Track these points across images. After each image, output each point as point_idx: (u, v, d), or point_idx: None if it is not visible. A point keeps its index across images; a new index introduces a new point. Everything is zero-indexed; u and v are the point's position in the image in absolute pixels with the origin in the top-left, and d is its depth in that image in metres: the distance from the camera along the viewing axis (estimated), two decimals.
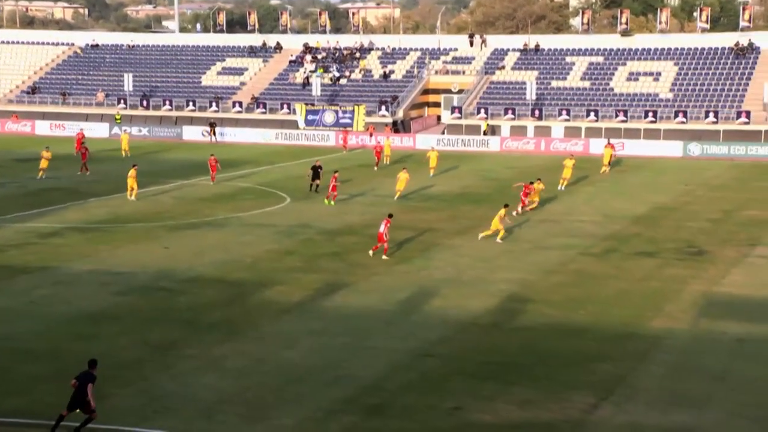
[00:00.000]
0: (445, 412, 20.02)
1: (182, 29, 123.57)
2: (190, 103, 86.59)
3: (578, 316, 27.37)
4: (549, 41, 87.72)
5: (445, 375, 22.33)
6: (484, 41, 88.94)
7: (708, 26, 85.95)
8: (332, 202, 46.07)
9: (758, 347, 24.39)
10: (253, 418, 19.61)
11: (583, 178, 56.49)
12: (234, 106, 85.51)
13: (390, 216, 35.69)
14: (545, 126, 75.85)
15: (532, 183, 45.53)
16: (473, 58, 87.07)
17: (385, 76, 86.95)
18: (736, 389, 21.44)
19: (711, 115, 71.95)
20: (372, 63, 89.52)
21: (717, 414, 19.96)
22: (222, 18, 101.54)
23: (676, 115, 73.14)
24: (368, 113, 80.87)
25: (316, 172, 50.45)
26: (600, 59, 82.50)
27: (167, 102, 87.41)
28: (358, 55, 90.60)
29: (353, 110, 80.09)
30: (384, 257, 34.40)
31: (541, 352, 23.97)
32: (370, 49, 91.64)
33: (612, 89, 79.08)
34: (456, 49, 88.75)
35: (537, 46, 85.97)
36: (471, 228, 40.29)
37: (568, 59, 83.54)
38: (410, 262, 34.41)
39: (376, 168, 60.13)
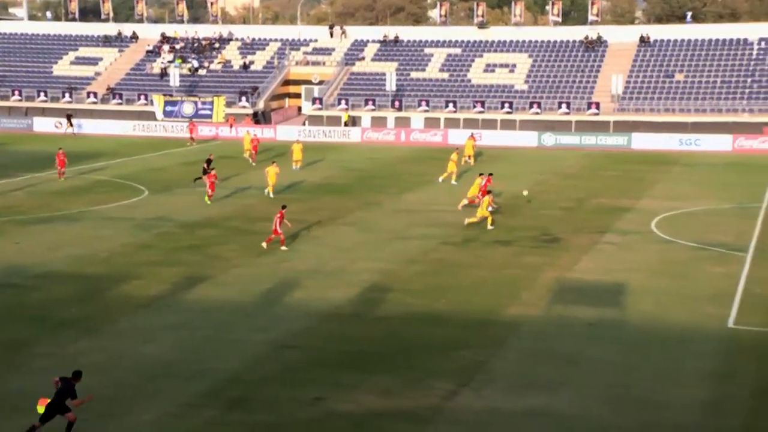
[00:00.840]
0: (306, 403, 20.01)
1: (32, 17, 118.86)
2: (42, 94, 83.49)
3: (439, 304, 27.81)
4: (408, 33, 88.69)
5: (307, 366, 22.32)
6: (344, 32, 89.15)
7: (560, 19, 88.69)
8: (209, 201, 44.58)
9: (607, 331, 25.37)
10: (111, 415, 19.11)
11: (444, 170, 57.40)
12: (89, 96, 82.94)
13: (283, 207, 35.43)
14: (405, 117, 76.71)
15: (490, 175, 44.54)
16: (333, 50, 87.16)
17: (245, 66, 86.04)
18: (588, 372, 22.24)
19: (564, 106, 74.32)
20: (231, 53, 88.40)
21: (570, 396, 20.66)
22: (74, 6, 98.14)
23: (530, 106, 75.22)
24: (228, 104, 79.87)
25: (208, 163, 49.55)
26: (458, 51, 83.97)
27: (16, 92, 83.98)
28: (217, 45, 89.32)
29: (212, 101, 78.95)
30: (282, 248, 34.42)
31: (402, 341, 24.25)
32: (229, 40, 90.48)
33: (469, 80, 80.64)
34: (316, 40, 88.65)
35: (396, 37, 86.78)
36: (333, 219, 40.34)
37: (427, 51, 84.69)
38: (272, 253, 34.20)
39: (253, 162, 58.87)
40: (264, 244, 34.61)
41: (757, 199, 44.98)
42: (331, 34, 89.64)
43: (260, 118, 79.98)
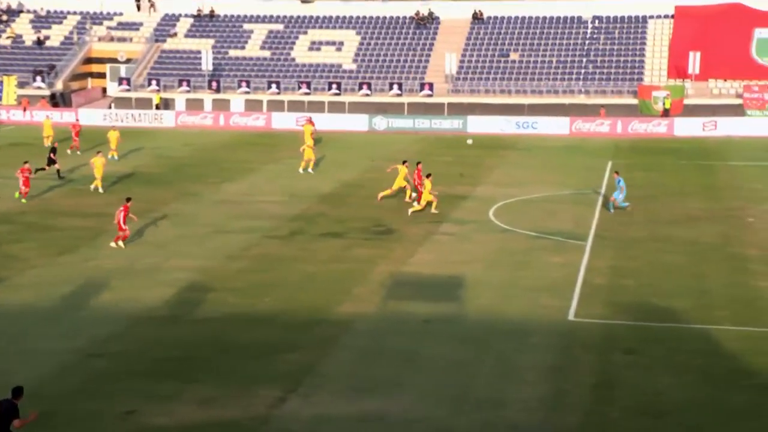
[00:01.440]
0: (117, 418, 19.49)
1: None
2: None
3: (264, 303, 27.68)
4: (224, 7, 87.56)
5: (117, 376, 21.75)
6: (152, 5, 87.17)
7: None
8: (23, 199, 42.36)
9: (443, 327, 25.92)
10: None
11: (268, 156, 57.11)
12: None
13: (128, 200, 34.27)
14: (224, 99, 75.83)
15: (418, 163, 44.05)
16: (141, 24, 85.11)
17: (39, 42, 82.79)
18: (424, 371, 22.66)
19: (395, 87, 75.32)
20: (22, 27, 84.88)
21: (406, 397, 20.99)
22: None
23: (360, 87, 75.85)
24: (21, 85, 76.68)
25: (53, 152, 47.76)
26: (280, 27, 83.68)
27: None
28: (4, 17, 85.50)
29: (2, 81, 75.62)
30: (119, 244, 33.61)
31: (224, 345, 23.99)
32: (19, 12, 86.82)
33: (293, 59, 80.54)
34: (121, 14, 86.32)
35: (212, 11, 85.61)
36: (144, 212, 39.42)
37: (246, 27, 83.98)
38: (75, 251, 33.12)
39: (78, 151, 56.51)
40: (113, 244, 33.53)
41: (595, 185, 47.01)
42: (138, 7, 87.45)
43: (59, 101, 77.18)
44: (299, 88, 76.26)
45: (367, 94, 75.40)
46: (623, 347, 24.35)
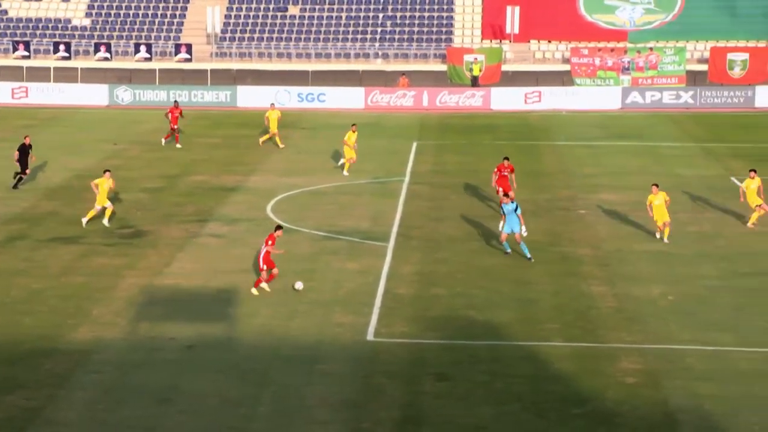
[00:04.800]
0: None
1: None
2: None
3: None
4: None
5: None
6: None
7: None
8: None
9: (210, 355, 25.79)
10: None
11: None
12: None
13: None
14: None
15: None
16: None
17: None
18: (186, 412, 22.46)
19: (142, 49, 74.17)
20: None
21: None
22: None
23: (96, 50, 74.28)
24: None
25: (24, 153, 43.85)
26: None
27: None
28: None
29: None
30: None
31: None
32: None
33: (5, 12, 78.01)
34: None
35: None
36: None
37: None
38: None
39: None
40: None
41: (397, 172, 47.85)
42: None
43: None
44: (15, 49, 73.92)
45: (106, 58, 74.01)
46: (434, 372, 24.87)
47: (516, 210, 33.92)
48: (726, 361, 25.76)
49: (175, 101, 59.15)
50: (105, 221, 37.70)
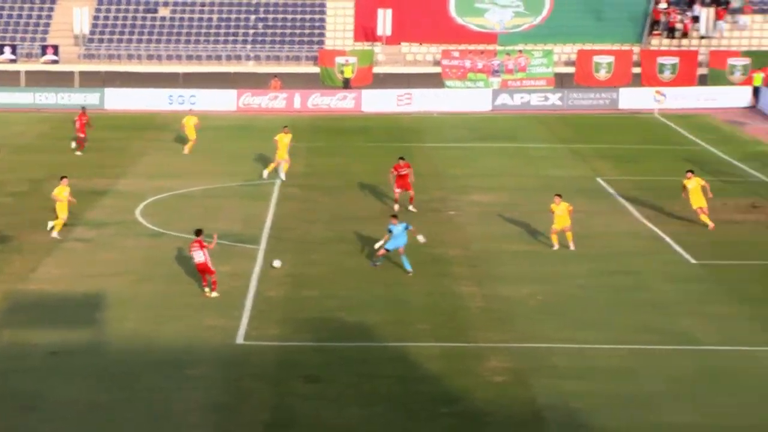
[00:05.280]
0: None
1: None
2: None
3: None
4: None
5: None
6: None
7: None
8: None
9: (77, 360, 25.50)
10: None
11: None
12: None
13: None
14: None
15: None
16: None
17: None
18: (52, 419, 22.17)
19: (6, 50, 72.70)
20: None
21: None
22: None
23: None
24: None
25: None
26: None
27: None
28: None
29: None
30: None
31: None
32: None
33: None
34: None
35: None
36: None
37: None
38: None
39: None
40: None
41: (270, 174, 47.70)
42: None
43: None
44: None
45: None
46: (304, 375, 24.93)
47: (406, 228, 33.77)
48: (592, 359, 26.28)
49: (83, 107, 57.21)
50: None
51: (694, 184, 38.69)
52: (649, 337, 27.78)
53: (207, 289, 30.60)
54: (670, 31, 76.51)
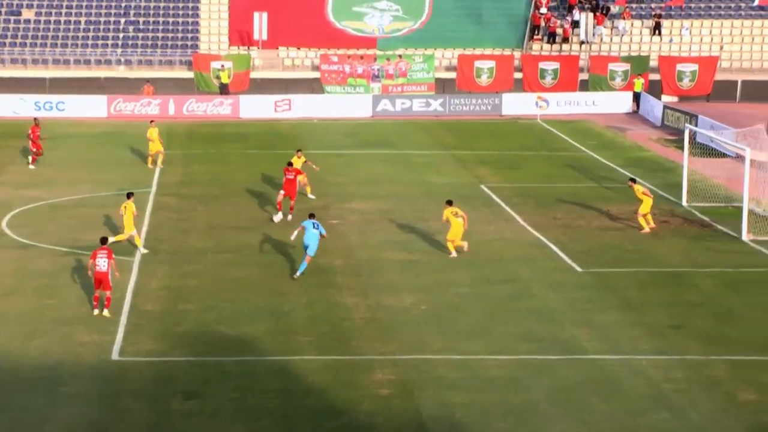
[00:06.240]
0: None
1: None
2: None
3: None
4: None
5: None
6: None
7: None
8: None
9: None
10: None
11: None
12: None
13: None
14: None
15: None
16: None
17: None
18: None
19: None
20: None
21: None
22: None
23: None
24: None
25: None
26: None
27: None
28: None
29: None
30: None
31: None
32: None
33: None
34: None
35: None
36: None
37: None
38: None
39: None
40: None
41: (143, 183, 47.24)
42: None
43: None
44: None
45: None
46: (183, 391, 24.77)
47: (316, 227, 33.95)
48: (476, 370, 26.56)
49: (35, 119, 55.12)
50: None
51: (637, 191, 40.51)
52: (533, 347, 28.16)
53: (97, 311, 29.89)
54: (551, 37, 77.90)
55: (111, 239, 33.72)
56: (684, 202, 44.60)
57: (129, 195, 36.96)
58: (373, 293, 32.50)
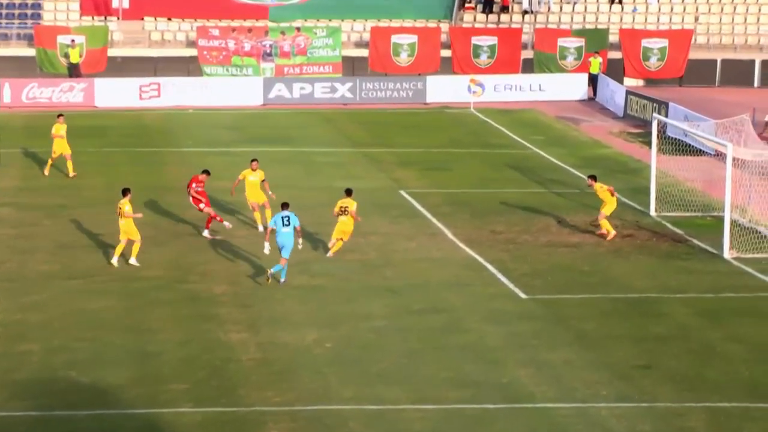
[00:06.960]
0: None
1: None
2: None
3: None
4: None
5: None
6: None
7: None
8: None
9: None
10: None
11: None
12: None
13: None
14: None
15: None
16: None
17: None
18: None
19: None
20: None
21: None
22: None
23: None
24: None
25: None
26: None
27: None
28: None
29: None
30: None
31: None
32: None
33: None
34: None
35: None
36: None
37: None
38: None
39: None
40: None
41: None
42: None
43: None
44: None
45: None
46: None
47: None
48: (396, 423, 26.52)
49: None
50: None
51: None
52: (467, 393, 28.19)
53: None
54: (487, 5, 78.00)
55: None
56: (652, 212, 45.02)
57: None
58: (266, 328, 32.40)
